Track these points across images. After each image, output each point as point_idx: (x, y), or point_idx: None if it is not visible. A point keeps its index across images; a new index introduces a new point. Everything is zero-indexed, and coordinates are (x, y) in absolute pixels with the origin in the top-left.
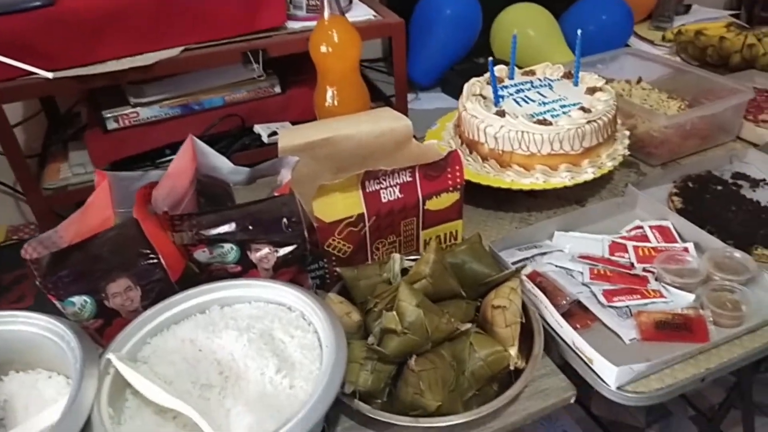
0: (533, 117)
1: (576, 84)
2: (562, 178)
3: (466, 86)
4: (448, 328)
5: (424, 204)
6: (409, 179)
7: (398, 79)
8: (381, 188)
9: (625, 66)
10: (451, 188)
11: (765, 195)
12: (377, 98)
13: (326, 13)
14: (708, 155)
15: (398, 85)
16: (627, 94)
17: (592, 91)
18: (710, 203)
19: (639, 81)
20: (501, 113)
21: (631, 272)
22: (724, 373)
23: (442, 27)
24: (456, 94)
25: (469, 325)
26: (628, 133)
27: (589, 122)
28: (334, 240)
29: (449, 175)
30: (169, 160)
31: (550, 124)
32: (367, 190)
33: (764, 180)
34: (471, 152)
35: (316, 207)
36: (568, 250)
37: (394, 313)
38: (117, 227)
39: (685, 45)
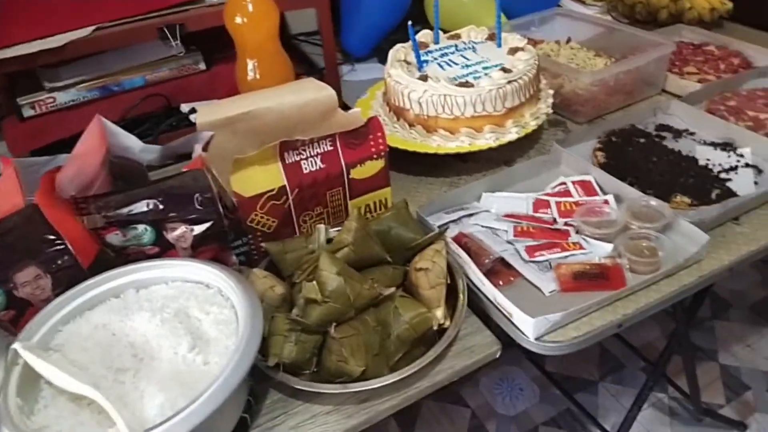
0: (455, 80)
1: (499, 45)
2: (487, 140)
3: (391, 53)
4: (372, 293)
5: (348, 173)
6: (330, 148)
7: (326, 49)
8: (302, 159)
9: (557, 27)
10: (375, 155)
11: (687, 145)
12: (311, 71)
13: None
14: (633, 109)
15: (327, 55)
16: (555, 55)
17: (513, 51)
18: (632, 156)
19: (568, 41)
20: (424, 78)
21: (553, 227)
22: (643, 317)
23: None
24: None
25: (392, 290)
26: (551, 91)
27: (509, 82)
28: (257, 215)
29: (372, 143)
30: None
31: (472, 86)
32: (287, 162)
33: (687, 130)
34: (398, 119)
35: (234, 182)
36: (494, 210)
37: (314, 282)
38: (17, 214)
39: (615, 3)
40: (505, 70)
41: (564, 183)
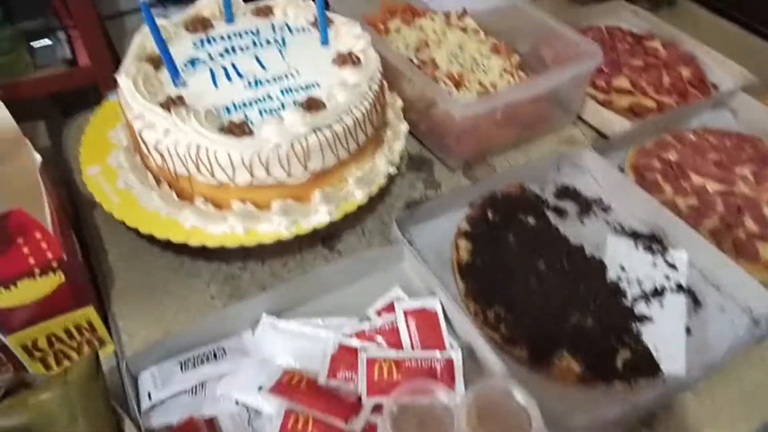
0: (223, 115)
1: (324, 41)
2: (275, 225)
3: (135, 38)
4: None
5: None
6: None
7: None
8: None
9: None
10: (37, 270)
11: (595, 231)
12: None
13: None
14: (529, 150)
15: None
16: (436, 42)
17: (342, 59)
18: (512, 255)
19: (462, 15)
20: (167, 104)
21: (349, 426)
22: None
23: None
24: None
25: None
26: (405, 128)
27: (315, 131)
28: None
29: (26, 249)
30: None
31: (249, 132)
32: None
33: (599, 201)
34: (142, 161)
35: None
36: (273, 356)
37: None
38: None
39: None
40: (310, 104)
41: (392, 308)
